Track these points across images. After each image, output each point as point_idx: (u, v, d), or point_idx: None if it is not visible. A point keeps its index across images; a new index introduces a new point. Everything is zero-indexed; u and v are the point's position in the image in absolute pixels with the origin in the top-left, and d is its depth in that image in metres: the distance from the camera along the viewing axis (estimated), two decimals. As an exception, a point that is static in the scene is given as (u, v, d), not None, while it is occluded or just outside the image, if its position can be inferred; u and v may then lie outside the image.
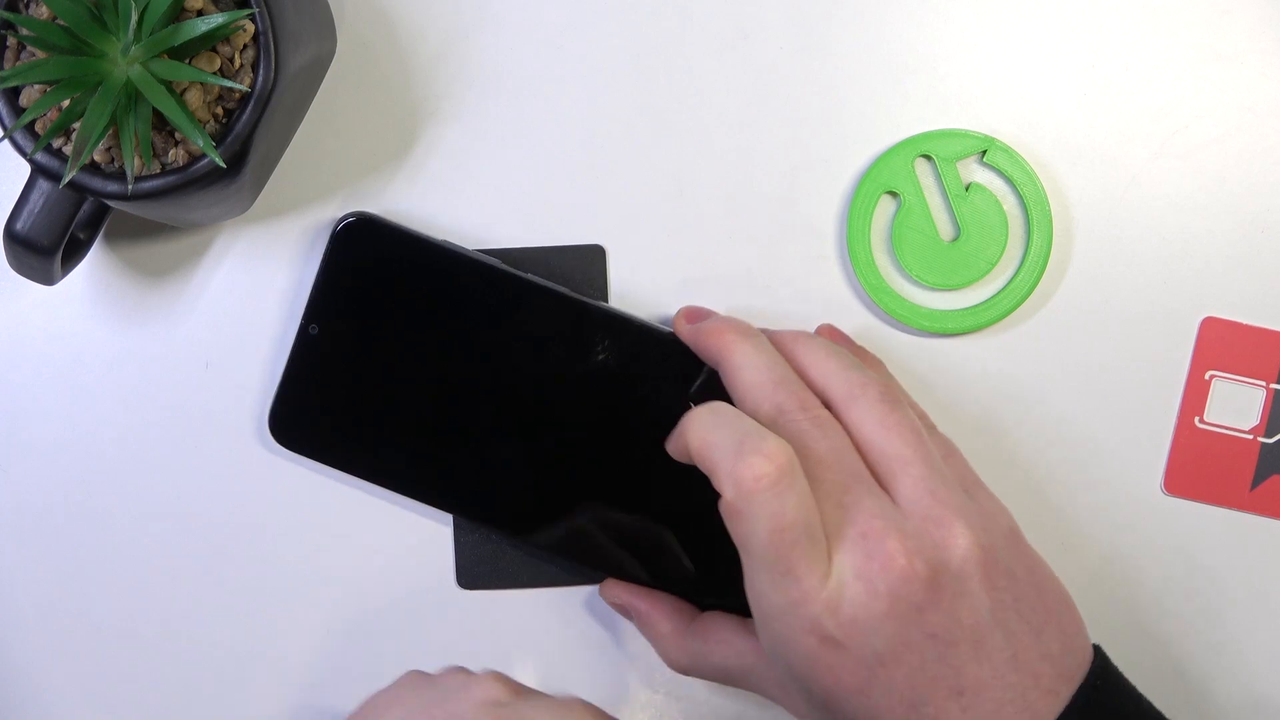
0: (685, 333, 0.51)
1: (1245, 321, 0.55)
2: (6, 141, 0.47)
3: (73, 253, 0.52)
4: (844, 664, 0.44)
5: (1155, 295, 0.55)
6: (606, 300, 0.55)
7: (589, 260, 0.55)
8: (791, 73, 0.55)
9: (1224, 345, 0.55)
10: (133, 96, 0.46)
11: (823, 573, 0.44)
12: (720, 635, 0.51)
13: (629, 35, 0.55)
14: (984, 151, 0.55)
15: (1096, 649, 0.47)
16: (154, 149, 0.48)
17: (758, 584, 0.44)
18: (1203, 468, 0.55)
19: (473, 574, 0.55)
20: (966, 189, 0.55)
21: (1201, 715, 0.55)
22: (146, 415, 0.56)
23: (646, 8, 0.55)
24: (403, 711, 0.49)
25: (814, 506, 0.44)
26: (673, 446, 0.48)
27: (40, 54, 0.47)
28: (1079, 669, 0.45)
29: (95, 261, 0.56)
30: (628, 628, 0.55)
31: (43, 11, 0.47)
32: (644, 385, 0.52)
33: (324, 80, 0.55)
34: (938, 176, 0.55)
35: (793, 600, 0.44)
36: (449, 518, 0.55)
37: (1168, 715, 0.47)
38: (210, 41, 0.47)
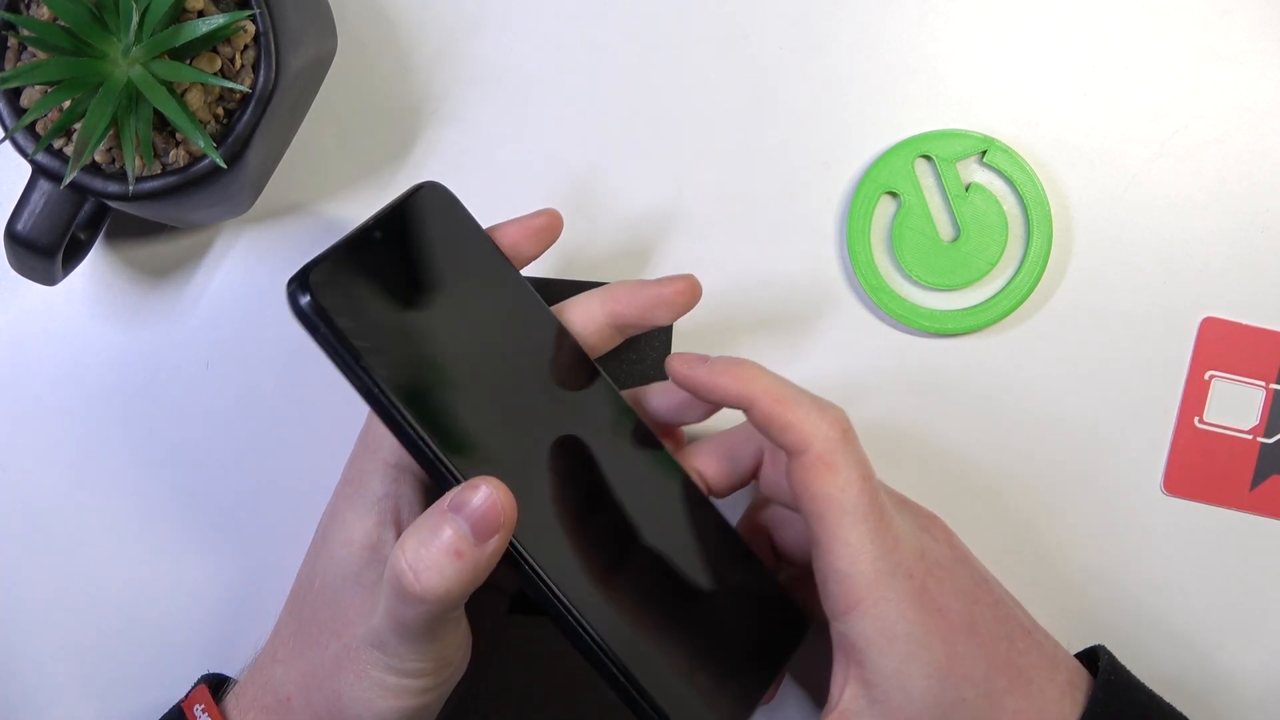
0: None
1: (1245, 321, 0.55)
2: (8, 142, 0.47)
3: (73, 253, 0.52)
4: (947, 606, 0.44)
5: (1155, 295, 0.55)
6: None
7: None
8: (791, 73, 0.55)
9: (1224, 345, 0.55)
10: (133, 97, 0.46)
11: (898, 525, 0.44)
12: None
13: (629, 35, 0.55)
14: (984, 152, 0.55)
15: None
16: (155, 149, 0.48)
17: (853, 541, 0.43)
18: (1202, 468, 0.55)
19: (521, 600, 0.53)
20: (966, 189, 0.55)
21: (1201, 715, 0.55)
22: (146, 415, 0.56)
23: (647, 8, 0.55)
24: None
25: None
26: (711, 387, 0.45)
27: (41, 55, 0.47)
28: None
29: (96, 261, 0.56)
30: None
31: (44, 12, 0.47)
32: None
33: (324, 80, 0.55)
34: (938, 176, 0.55)
35: (893, 548, 0.43)
36: None
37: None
38: (211, 42, 0.47)
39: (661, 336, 0.54)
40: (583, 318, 0.48)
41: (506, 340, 0.46)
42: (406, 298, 0.45)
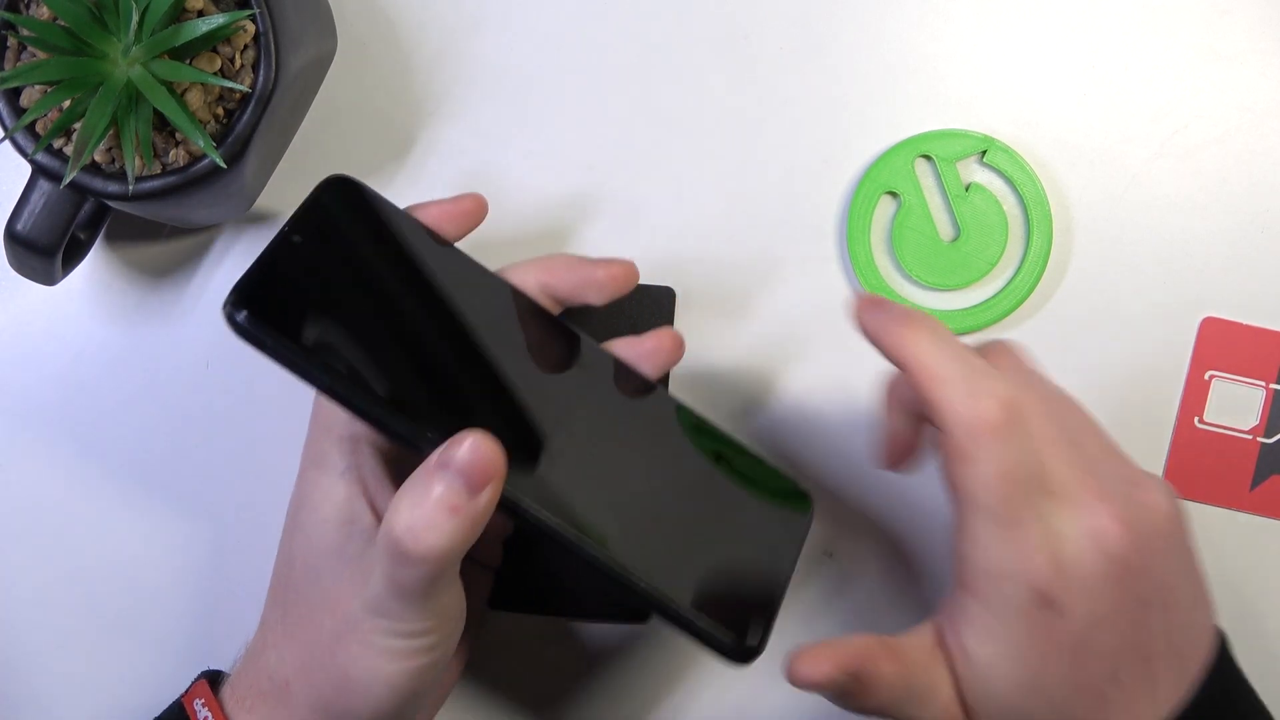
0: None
1: (1245, 321, 0.55)
2: (7, 142, 0.47)
3: (73, 253, 0.52)
4: (1061, 625, 0.43)
5: (1155, 295, 0.55)
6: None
7: (658, 300, 0.54)
8: (791, 73, 0.55)
9: (1224, 345, 0.55)
10: (133, 97, 0.46)
11: (1045, 529, 0.43)
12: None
13: (629, 35, 0.55)
14: (984, 151, 0.55)
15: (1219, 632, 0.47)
16: (154, 149, 0.48)
17: (978, 534, 0.42)
18: (1203, 468, 0.55)
19: (502, 596, 0.54)
20: (966, 189, 0.55)
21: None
22: (146, 415, 0.56)
23: (647, 8, 0.55)
24: None
25: (1039, 459, 0.43)
26: (881, 334, 0.44)
27: (41, 55, 0.47)
28: (1210, 649, 0.46)
29: (95, 261, 0.56)
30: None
31: (43, 12, 0.47)
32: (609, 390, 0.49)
33: (324, 80, 0.55)
34: (938, 176, 0.55)
35: (1017, 553, 0.42)
36: None
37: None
38: (211, 42, 0.47)
39: (663, 311, 0.54)
40: (517, 283, 0.48)
41: (458, 306, 0.47)
42: (340, 291, 0.45)
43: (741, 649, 0.44)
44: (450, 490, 0.41)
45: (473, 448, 0.41)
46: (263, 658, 0.47)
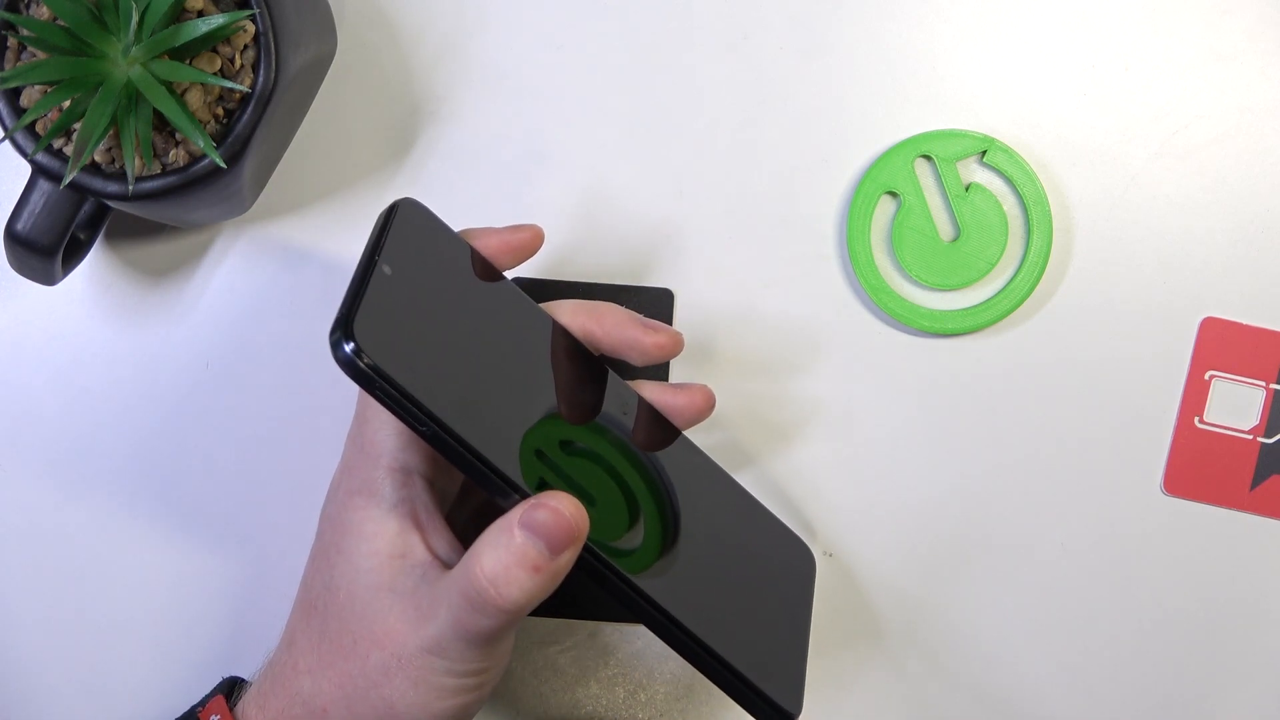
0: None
1: (1245, 321, 0.55)
2: (7, 142, 0.47)
3: (73, 253, 0.52)
4: None
5: (1155, 295, 0.55)
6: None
7: (656, 302, 0.55)
8: (791, 73, 0.55)
9: (1224, 345, 0.55)
10: (133, 97, 0.46)
11: None
12: None
13: (629, 35, 0.55)
14: (984, 151, 0.55)
15: None
16: (154, 149, 0.48)
17: None
18: (1202, 468, 0.55)
19: None
20: (966, 189, 0.55)
21: (1201, 715, 0.55)
22: (146, 415, 0.56)
23: (647, 8, 0.55)
24: None
25: None
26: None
27: (41, 55, 0.47)
28: None
29: (95, 261, 0.56)
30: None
31: (43, 12, 0.47)
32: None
33: (324, 80, 0.55)
34: (938, 176, 0.55)
35: None
36: None
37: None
38: (211, 42, 0.47)
39: (661, 313, 0.55)
40: (565, 323, 0.49)
41: (519, 347, 0.47)
42: (429, 328, 0.44)
43: (787, 715, 0.45)
44: (535, 551, 0.42)
45: (557, 513, 0.42)
46: (294, 682, 0.46)
